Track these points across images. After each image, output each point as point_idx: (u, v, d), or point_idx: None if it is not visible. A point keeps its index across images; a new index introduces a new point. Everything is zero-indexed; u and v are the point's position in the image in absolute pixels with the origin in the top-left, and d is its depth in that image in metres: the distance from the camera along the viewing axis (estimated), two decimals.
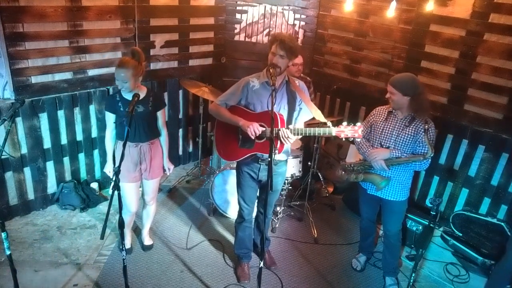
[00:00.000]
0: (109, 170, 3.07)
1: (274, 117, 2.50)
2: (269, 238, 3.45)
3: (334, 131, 2.47)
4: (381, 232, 3.75)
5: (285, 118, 2.70)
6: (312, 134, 2.60)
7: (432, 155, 2.69)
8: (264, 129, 2.61)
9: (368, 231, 3.33)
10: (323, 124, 2.57)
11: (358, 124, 2.48)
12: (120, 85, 2.72)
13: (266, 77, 2.62)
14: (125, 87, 2.72)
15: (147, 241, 3.41)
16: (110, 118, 2.89)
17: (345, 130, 2.47)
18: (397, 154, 2.79)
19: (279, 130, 2.55)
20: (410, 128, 2.77)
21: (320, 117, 2.64)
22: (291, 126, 2.64)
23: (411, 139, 2.76)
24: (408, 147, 2.79)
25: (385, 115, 2.90)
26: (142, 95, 2.80)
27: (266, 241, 3.34)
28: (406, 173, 2.88)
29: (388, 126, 2.86)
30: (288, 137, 2.56)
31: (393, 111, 2.86)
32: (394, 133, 2.83)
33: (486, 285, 3.12)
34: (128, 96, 2.77)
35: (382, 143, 2.87)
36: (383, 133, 2.87)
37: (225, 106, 2.77)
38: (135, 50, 2.79)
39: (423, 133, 2.69)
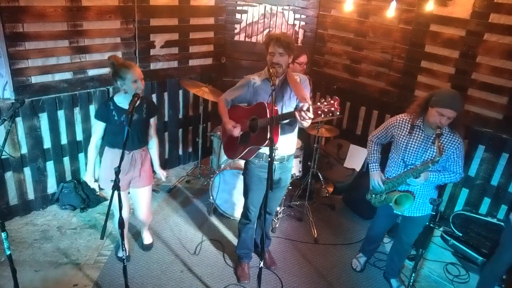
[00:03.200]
0: (89, 179, 2.90)
1: (263, 107, 2.53)
2: (270, 237, 3.45)
3: (311, 109, 2.26)
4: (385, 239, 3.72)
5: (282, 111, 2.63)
6: (289, 118, 2.45)
7: (439, 159, 2.40)
8: (252, 122, 2.64)
9: (377, 239, 3.29)
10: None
11: (335, 97, 2.23)
12: (139, 88, 2.67)
13: (267, 74, 2.64)
14: (140, 87, 2.69)
15: (147, 240, 3.41)
16: (99, 126, 2.78)
17: (322, 106, 2.22)
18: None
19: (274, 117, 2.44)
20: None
21: (303, 100, 2.50)
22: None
23: (442, 157, 2.44)
24: (438, 165, 2.53)
25: (408, 128, 2.61)
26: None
27: (267, 240, 3.34)
28: (430, 188, 2.70)
29: (413, 142, 2.60)
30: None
31: (420, 125, 2.58)
32: (420, 150, 2.58)
33: (477, 285, 3.12)
34: (123, 104, 2.73)
35: (406, 160, 2.64)
36: (408, 149, 2.62)
37: (225, 102, 2.80)
38: (112, 59, 2.67)
39: (436, 138, 2.41)
